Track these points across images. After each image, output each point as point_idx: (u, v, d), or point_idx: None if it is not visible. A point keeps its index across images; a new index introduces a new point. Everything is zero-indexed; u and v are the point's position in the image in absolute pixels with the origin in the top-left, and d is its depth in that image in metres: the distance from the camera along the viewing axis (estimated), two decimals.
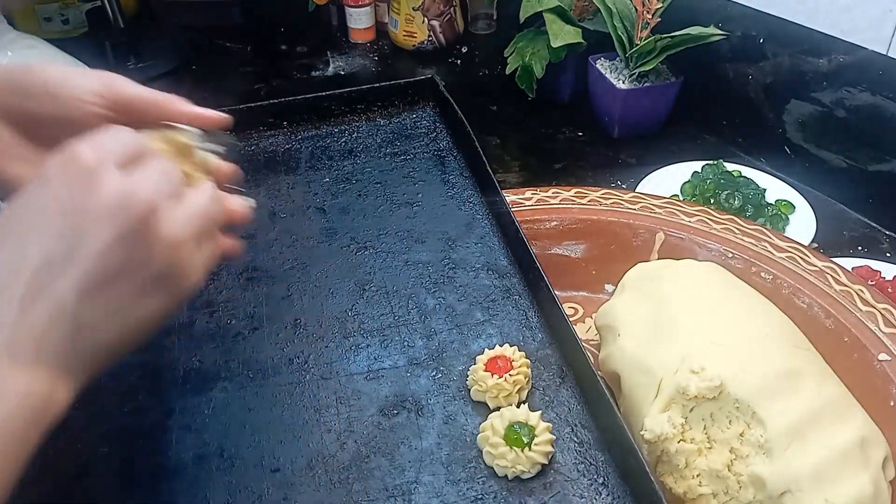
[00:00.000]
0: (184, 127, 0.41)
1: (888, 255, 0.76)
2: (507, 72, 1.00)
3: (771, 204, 0.79)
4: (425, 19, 1.19)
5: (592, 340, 0.62)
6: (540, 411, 0.47)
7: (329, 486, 0.44)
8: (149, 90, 0.40)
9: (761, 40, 0.87)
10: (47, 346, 0.30)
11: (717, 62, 0.93)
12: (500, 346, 0.51)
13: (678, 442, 0.47)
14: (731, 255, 0.63)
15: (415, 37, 1.21)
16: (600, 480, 0.44)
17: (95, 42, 1.16)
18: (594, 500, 0.43)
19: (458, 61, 1.22)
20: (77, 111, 0.37)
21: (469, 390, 0.49)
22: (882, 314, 0.56)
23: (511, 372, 0.48)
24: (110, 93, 0.38)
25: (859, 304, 0.57)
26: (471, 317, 0.54)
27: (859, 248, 0.77)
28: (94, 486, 0.43)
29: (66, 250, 0.31)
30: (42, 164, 0.32)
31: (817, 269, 0.60)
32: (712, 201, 0.78)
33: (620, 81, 0.93)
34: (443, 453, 0.45)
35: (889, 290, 0.64)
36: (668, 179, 0.84)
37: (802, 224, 0.77)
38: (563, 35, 0.92)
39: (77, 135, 0.33)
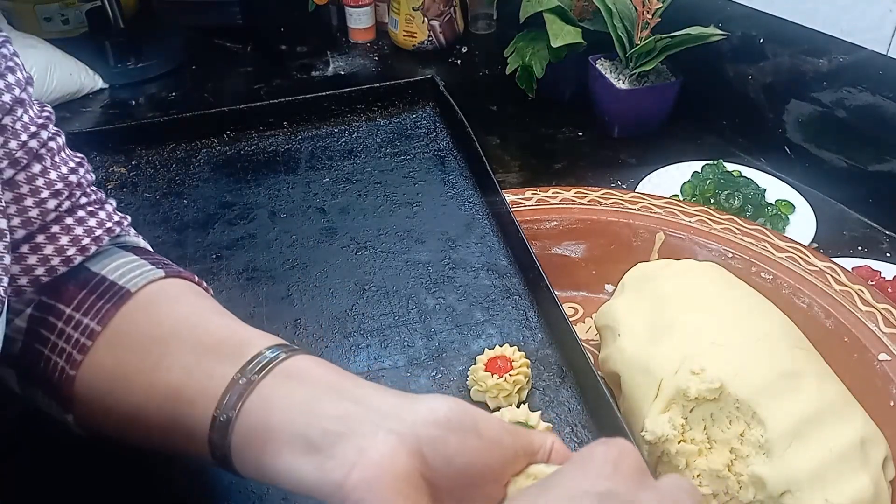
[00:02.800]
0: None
1: (888, 255, 0.76)
2: (507, 72, 1.00)
3: (771, 204, 0.79)
4: (425, 19, 1.19)
5: (592, 340, 0.62)
6: (540, 411, 0.47)
7: None
8: (524, 433, 0.35)
9: (761, 40, 0.87)
10: None
11: (717, 62, 0.93)
12: (500, 346, 0.51)
13: (678, 443, 0.47)
14: (731, 255, 0.63)
15: (415, 37, 1.21)
16: None
17: (95, 42, 1.16)
18: None
19: (458, 61, 1.22)
20: (491, 455, 0.32)
21: (469, 390, 0.49)
22: (882, 314, 0.56)
23: (511, 372, 0.48)
24: (516, 437, 0.34)
25: (859, 304, 0.57)
26: (471, 317, 0.54)
27: (859, 248, 0.77)
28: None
29: None
30: None
31: (817, 269, 0.60)
32: (712, 201, 0.78)
33: (620, 81, 0.92)
34: None
35: (889, 290, 0.64)
36: (668, 179, 0.84)
37: (802, 224, 0.77)
38: (563, 35, 0.91)
39: (475, 480, 0.31)
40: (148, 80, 1.15)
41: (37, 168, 0.39)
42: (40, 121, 0.40)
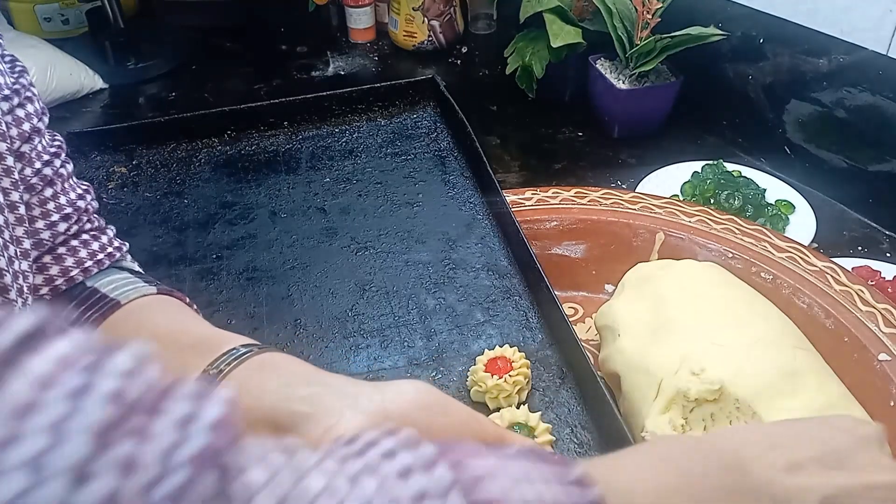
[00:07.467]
0: None
1: (888, 255, 0.76)
2: (507, 72, 1.00)
3: (771, 204, 0.79)
4: (425, 19, 1.19)
5: (592, 340, 0.62)
6: (540, 412, 0.47)
7: None
8: (490, 424, 0.36)
9: (761, 40, 0.87)
10: None
11: (717, 62, 0.93)
12: (500, 346, 0.51)
13: None
14: (731, 255, 0.63)
15: (415, 37, 1.21)
16: None
17: (95, 42, 1.16)
18: None
19: (458, 61, 1.21)
20: (458, 435, 0.33)
21: (469, 391, 0.49)
22: (882, 314, 0.56)
23: (511, 373, 0.48)
24: (483, 424, 0.35)
25: (859, 304, 0.57)
26: (471, 317, 0.54)
27: (859, 248, 0.77)
28: None
29: None
30: None
31: (817, 269, 0.60)
32: (712, 201, 0.78)
33: (620, 81, 0.92)
34: None
35: (889, 290, 0.64)
36: (668, 179, 0.84)
37: (802, 224, 0.77)
38: (563, 35, 0.91)
39: None
40: (148, 80, 1.15)
41: (48, 193, 0.40)
42: (52, 149, 0.41)
